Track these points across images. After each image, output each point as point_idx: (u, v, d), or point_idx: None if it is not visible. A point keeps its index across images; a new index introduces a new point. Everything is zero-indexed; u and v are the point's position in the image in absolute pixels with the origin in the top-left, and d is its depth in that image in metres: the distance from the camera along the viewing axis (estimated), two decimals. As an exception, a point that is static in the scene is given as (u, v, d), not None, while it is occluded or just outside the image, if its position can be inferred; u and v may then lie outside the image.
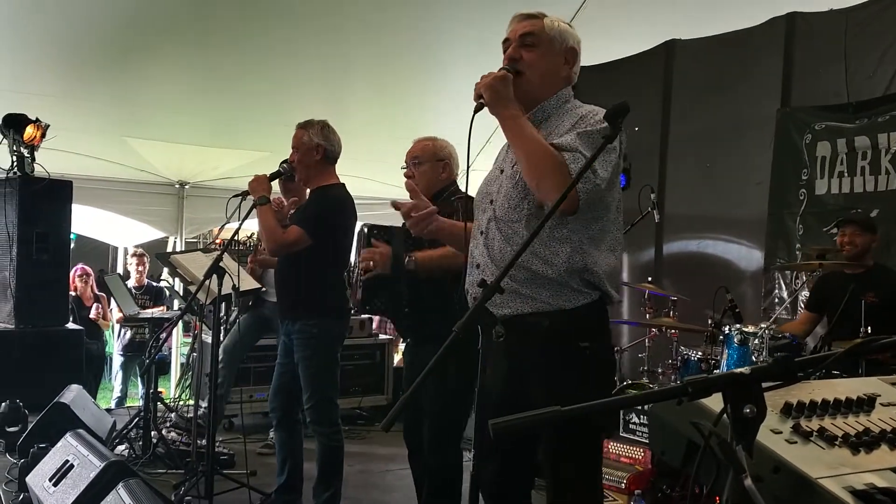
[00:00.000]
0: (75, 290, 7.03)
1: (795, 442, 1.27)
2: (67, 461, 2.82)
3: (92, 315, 7.08)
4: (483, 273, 2.20)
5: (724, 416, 1.10)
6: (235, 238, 3.89)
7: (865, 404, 1.42)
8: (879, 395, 1.45)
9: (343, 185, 3.71)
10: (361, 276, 3.04)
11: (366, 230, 3.11)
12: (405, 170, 3.22)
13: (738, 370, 1.09)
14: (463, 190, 3.11)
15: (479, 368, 2.09)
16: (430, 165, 3.10)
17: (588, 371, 2.11)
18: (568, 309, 2.11)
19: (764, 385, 1.11)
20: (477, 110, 2.15)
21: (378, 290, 3.04)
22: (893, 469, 1.24)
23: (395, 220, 2.90)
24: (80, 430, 3.16)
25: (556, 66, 2.24)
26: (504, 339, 1.96)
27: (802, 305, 4.79)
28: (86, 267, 7.30)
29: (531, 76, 2.20)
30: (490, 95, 2.11)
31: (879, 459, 1.27)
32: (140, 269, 7.30)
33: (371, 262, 2.92)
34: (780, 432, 1.28)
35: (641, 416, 3.94)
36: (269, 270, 4.87)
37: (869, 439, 1.30)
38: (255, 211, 3.57)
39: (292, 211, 4.31)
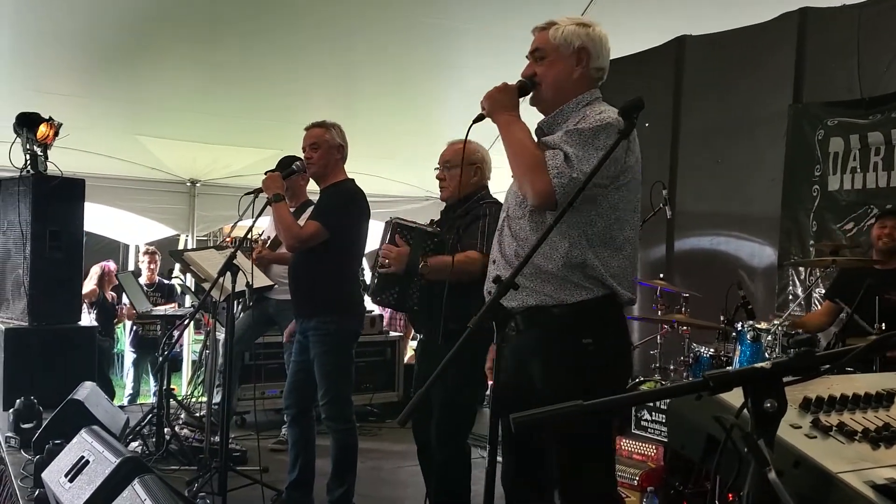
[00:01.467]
0: (101, 285, 7.09)
1: (815, 437, 1.27)
2: (83, 457, 2.83)
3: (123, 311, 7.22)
4: (498, 269, 2.27)
5: (745, 410, 1.10)
6: (248, 236, 3.91)
7: (885, 399, 1.42)
8: (898, 391, 1.45)
9: (353, 180, 3.75)
10: (378, 268, 3.14)
11: (392, 224, 3.16)
12: (437, 171, 3.28)
13: (759, 364, 1.08)
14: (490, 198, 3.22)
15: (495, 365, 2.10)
16: (462, 169, 3.12)
17: (589, 367, 2.12)
18: (570, 303, 2.15)
19: (784, 380, 1.11)
20: (476, 120, 2.30)
21: (390, 284, 3.10)
22: (914, 464, 1.24)
23: (411, 214, 2.94)
24: (95, 427, 3.16)
25: (567, 71, 2.31)
26: (514, 332, 2.01)
27: (817, 302, 4.76)
28: (109, 265, 7.37)
29: (545, 87, 2.31)
30: (490, 104, 2.27)
31: (899, 455, 1.27)
32: (152, 266, 7.34)
33: (388, 259, 3.04)
34: (800, 427, 1.28)
35: (653, 413, 3.93)
36: (272, 267, 4.88)
37: (889, 434, 1.30)
38: (268, 208, 3.59)
39: (292, 209, 4.35)
